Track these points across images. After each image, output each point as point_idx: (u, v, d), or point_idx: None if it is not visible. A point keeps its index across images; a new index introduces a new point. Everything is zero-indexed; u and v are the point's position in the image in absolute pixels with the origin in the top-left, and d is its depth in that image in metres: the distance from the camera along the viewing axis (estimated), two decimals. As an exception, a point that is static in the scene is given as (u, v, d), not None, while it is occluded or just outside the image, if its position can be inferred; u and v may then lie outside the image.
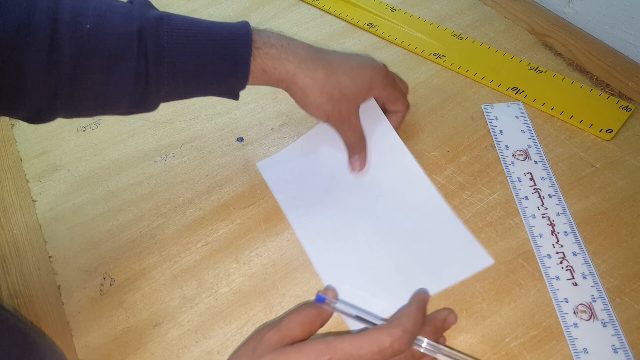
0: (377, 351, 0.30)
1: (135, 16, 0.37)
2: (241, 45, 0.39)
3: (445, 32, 0.63)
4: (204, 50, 0.39)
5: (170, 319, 0.42)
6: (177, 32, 0.38)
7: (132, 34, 0.36)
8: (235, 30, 0.40)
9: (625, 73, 0.56)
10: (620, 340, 0.38)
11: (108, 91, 0.37)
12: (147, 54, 0.37)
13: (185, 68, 0.39)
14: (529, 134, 0.51)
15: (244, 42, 0.40)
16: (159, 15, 0.38)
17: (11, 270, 0.46)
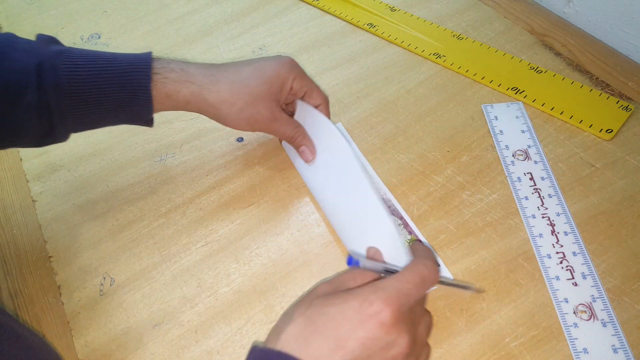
0: (419, 281, 0.32)
1: (34, 52, 0.39)
2: (139, 72, 0.41)
3: (445, 32, 0.63)
4: (103, 80, 0.40)
5: (170, 319, 0.42)
6: (76, 64, 0.39)
7: (30, 69, 0.38)
8: (134, 59, 0.41)
9: (625, 73, 0.56)
10: (620, 340, 0.38)
11: (14, 125, 0.39)
12: (47, 87, 0.38)
13: (85, 98, 0.40)
14: (529, 134, 0.51)
15: (142, 69, 0.41)
16: (59, 50, 0.40)
17: (11, 270, 0.46)
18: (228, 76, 0.43)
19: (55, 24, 0.70)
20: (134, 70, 0.41)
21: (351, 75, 0.59)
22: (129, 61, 0.41)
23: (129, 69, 0.41)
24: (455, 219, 0.46)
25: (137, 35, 0.67)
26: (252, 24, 0.67)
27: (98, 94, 0.40)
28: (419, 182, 0.49)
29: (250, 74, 0.44)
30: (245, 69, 0.44)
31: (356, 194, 0.44)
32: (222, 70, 0.44)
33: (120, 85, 0.40)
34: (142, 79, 0.41)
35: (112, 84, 0.40)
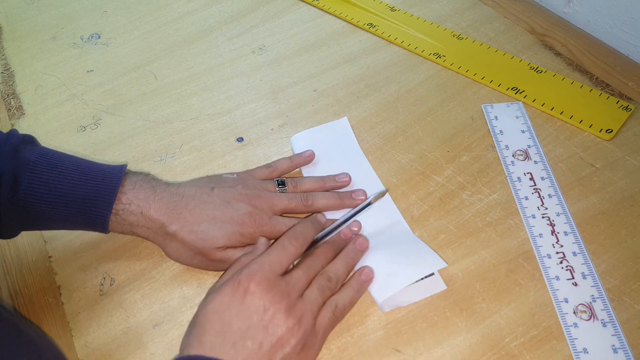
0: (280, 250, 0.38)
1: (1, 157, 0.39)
2: (101, 208, 0.40)
3: (445, 32, 0.63)
4: (63, 203, 0.40)
5: (170, 319, 0.42)
6: (37, 180, 0.39)
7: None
8: (101, 188, 0.40)
9: (625, 73, 0.56)
10: (620, 340, 0.38)
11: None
12: (1, 198, 0.38)
13: (40, 214, 0.40)
14: (529, 134, 0.51)
15: (104, 205, 0.40)
16: (25, 161, 0.39)
17: (11, 270, 0.46)
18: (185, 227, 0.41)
19: (55, 24, 0.70)
20: (98, 200, 0.40)
21: (351, 75, 0.59)
22: (94, 189, 0.40)
23: (91, 198, 0.40)
24: (455, 219, 0.46)
25: (137, 35, 0.67)
26: (252, 24, 0.67)
27: (55, 213, 0.40)
28: (419, 182, 0.49)
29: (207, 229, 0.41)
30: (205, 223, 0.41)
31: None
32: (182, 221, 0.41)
33: (79, 212, 0.40)
34: (101, 215, 0.40)
35: (71, 210, 0.40)
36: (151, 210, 0.41)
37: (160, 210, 0.41)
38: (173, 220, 0.41)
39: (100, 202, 0.40)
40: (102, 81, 0.62)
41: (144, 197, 0.41)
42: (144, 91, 0.60)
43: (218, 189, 0.43)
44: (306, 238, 0.40)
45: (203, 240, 0.41)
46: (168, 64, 0.63)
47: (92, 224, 0.41)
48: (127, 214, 0.41)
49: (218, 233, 0.41)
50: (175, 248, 0.42)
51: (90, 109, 0.59)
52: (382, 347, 0.39)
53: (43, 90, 0.61)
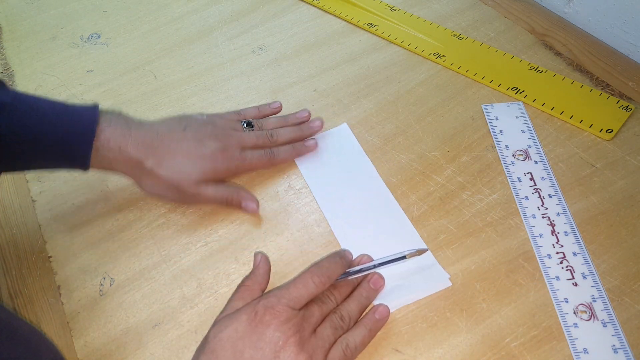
0: (301, 286, 0.36)
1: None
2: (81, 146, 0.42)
3: (445, 32, 0.63)
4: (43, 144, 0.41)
5: (170, 319, 0.42)
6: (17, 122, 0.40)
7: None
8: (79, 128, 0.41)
9: (625, 73, 0.56)
10: (620, 340, 0.38)
11: None
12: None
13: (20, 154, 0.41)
14: (529, 134, 0.51)
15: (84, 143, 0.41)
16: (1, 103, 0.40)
17: (11, 270, 0.46)
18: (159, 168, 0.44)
19: (55, 24, 0.70)
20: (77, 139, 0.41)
21: (351, 75, 0.59)
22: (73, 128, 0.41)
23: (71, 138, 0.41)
24: (455, 219, 0.46)
25: (137, 35, 0.67)
26: (252, 24, 0.67)
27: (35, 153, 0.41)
28: (419, 182, 0.49)
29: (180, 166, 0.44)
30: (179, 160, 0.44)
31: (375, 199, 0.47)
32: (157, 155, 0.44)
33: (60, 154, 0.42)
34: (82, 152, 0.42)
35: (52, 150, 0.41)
36: (129, 147, 0.43)
37: (137, 146, 0.43)
38: (149, 156, 0.43)
39: (81, 139, 0.41)
40: (102, 81, 0.62)
41: (121, 134, 0.43)
42: (144, 91, 0.60)
43: (190, 128, 0.46)
44: (331, 277, 0.38)
45: (179, 174, 0.44)
46: (168, 64, 0.63)
47: (74, 160, 0.42)
48: (106, 151, 0.42)
49: (193, 168, 0.44)
50: (151, 182, 0.44)
51: (90, 108, 0.59)
52: (382, 347, 0.39)
53: (43, 90, 0.61)
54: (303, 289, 0.36)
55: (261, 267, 0.40)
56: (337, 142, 0.53)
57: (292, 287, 0.36)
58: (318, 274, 0.37)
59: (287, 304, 0.35)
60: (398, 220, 0.46)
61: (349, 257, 0.41)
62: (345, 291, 0.40)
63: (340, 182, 0.49)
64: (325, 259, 0.39)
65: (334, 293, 0.39)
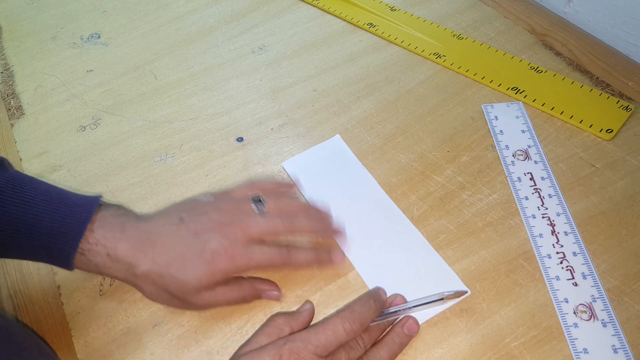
0: (330, 333, 0.34)
1: None
2: (67, 246, 0.37)
3: (445, 32, 0.63)
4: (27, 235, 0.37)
5: (170, 319, 0.42)
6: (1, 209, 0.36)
7: None
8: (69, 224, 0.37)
9: (625, 73, 0.56)
10: (620, 340, 0.38)
11: None
12: None
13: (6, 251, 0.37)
14: (529, 133, 0.51)
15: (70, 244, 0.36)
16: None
17: (11, 270, 0.46)
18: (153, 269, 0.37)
19: (55, 23, 0.70)
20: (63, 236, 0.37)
21: (351, 75, 0.59)
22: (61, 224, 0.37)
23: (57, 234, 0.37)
24: (455, 219, 0.46)
25: (136, 35, 0.67)
26: (252, 24, 0.67)
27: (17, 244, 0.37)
28: (419, 182, 0.49)
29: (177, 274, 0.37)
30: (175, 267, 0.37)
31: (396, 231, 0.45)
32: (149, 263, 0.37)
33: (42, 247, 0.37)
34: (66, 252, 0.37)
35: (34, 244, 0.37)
36: (118, 251, 0.37)
37: (127, 250, 0.37)
38: (141, 262, 0.37)
39: (66, 239, 0.36)
40: (102, 81, 0.62)
41: (111, 237, 0.37)
42: (144, 91, 0.60)
43: (188, 219, 0.39)
44: (363, 324, 0.36)
45: (174, 285, 0.37)
46: (168, 64, 0.63)
47: (56, 260, 0.38)
48: (93, 255, 0.37)
49: (187, 276, 0.37)
50: (151, 290, 0.38)
51: (90, 109, 0.59)
52: (382, 347, 0.39)
53: (43, 90, 0.61)
54: (332, 336, 0.34)
55: (304, 314, 0.38)
56: (331, 154, 0.51)
57: (320, 332, 0.34)
58: (350, 320, 0.35)
59: (314, 351, 0.33)
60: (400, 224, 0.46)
61: (383, 299, 0.39)
62: (375, 335, 0.38)
63: (339, 195, 0.48)
64: (358, 303, 0.37)
65: (363, 337, 0.37)
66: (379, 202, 0.47)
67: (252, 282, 0.41)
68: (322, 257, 0.42)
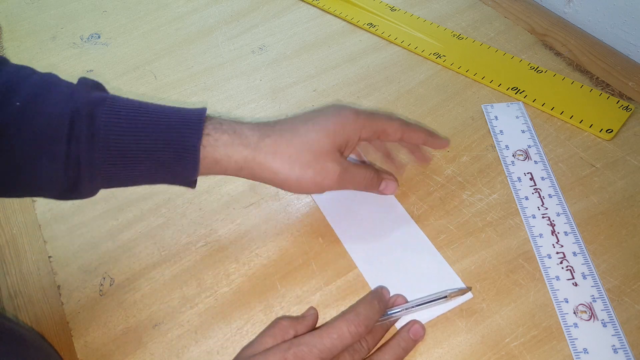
0: (336, 337, 0.34)
1: (73, 97, 0.35)
2: (189, 129, 0.37)
3: (445, 32, 0.63)
4: (147, 134, 0.36)
5: (170, 319, 0.42)
6: (117, 114, 0.36)
7: (64, 116, 0.34)
8: (184, 115, 0.37)
9: (625, 73, 0.56)
10: (621, 340, 0.38)
11: (36, 175, 0.35)
12: (79, 137, 0.34)
13: (123, 154, 0.36)
14: (529, 134, 0.51)
15: (192, 126, 0.37)
16: (101, 98, 0.36)
17: (11, 270, 0.46)
18: (285, 135, 0.39)
19: (55, 23, 0.70)
20: (183, 126, 0.37)
21: (351, 75, 0.59)
22: (178, 116, 0.37)
23: (177, 125, 0.37)
24: (455, 219, 0.46)
25: (136, 35, 0.67)
26: (252, 24, 0.67)
27: (139, 149, 0.36)
28: (419, 182, 0.49)
29: (309, 129, 0.40)
30: (303, 126, 0.40)
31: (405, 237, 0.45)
32: (276, 130, 0.40)
33: (165, 143, 0.36)
34: (191, 138, 0.36)
35: (157, 141, 0.36)
36: (244, 128, 0.38)
37: (253, 127, 0.39)
38: (268, 130, 0.39)
39: (190, 122, 0.37)
40: (102, 81, 0.60)
41: (231, 120, 0.39)
42: (144, 91, 0.60)
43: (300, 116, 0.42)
44: (368, 326, 0.35)
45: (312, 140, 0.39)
46: (168, 64, 0.63)
47: (181, 155, 0.36)
48: (219, 133, 0.37)
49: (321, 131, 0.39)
50: (283, 158, 0.38)
51: (90, 108, 0.59)
52: (382, 347, 0.39)
53: (43, 90, 0.61)
54: (337, 339, 0.34)
55: (308, 319, 0.38)
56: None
57: (325, 336, 0.34)
58: (355, 323, 0.34)
59: (319, 355, 0.33)
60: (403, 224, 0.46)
61: (387, 299, 0.39)
62: (379, 336, 0.38)
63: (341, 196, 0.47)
64: (362, 304, 0.36)
65: (367, 339, 0.37)
66: (382, 201, 0.47)
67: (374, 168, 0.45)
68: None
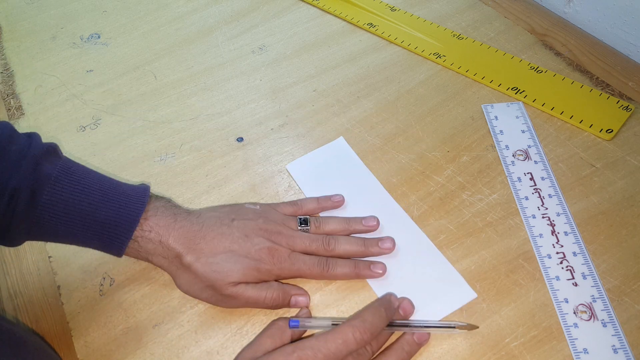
0: (341, 342, 0.33)
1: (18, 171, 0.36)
2: (120, 233, 0.39)
3: (445, 32, 0.63)
4: (81, 224, 0.38)
5: (170, 319, 0.42)
6: (58, 197, 0.37)
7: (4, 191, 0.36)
8: (123, 213, 0.39)
9: (625, 73, 0.56)
10: (620, 340, 0.38)
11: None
12: (16, 211, 0.36)
13: (54, 231, 0.38)
14: (529, 134, 0.51)
15: (124, 231, 0.39)
16: (46, 175, 0.37)
17: (11, 270, 0.46)
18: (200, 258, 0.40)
19: (55, 24, 0.70)
20: (118, 225, 0.39)
21: (351, 75, 0.59)
22: (116, 212, 0.39)
23: (112, 221, 0.38)
24: (455, 219, 0.46)
25: (136, 35, 0.67)
26: (252, 24, 0.67)
27: (70, 232, 0.39)
28: (419, 182, 0.49)
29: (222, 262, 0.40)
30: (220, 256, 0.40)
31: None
32: (197, 250, 0.40)
33: (96, 235, 0.39)
34: (120, 241, 0.39)
35: (88, 230, 0.39)
36: (170, 239, 0.40)
37: (179, 239, 0.40)
38: (189, 251, 0.39)
39: (122, 227, 0.39)
40: (102, 81, 0.62)
41: (165, 225, 0.40)
42: (144, 91, 0.60)
43: (238, 221, 0.42)
44: (374, 333, 0.35)
45: (217, 273, 0.39)
46: (168, 64, 0.63)
47: (108, 247, 0.40)
48: (145, 242, 0.39)
49: (233, 267, 0.39)
50: (187, 279, 0.40)
51: (90, 109, 0.59)
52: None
53: (43, 90, 0.61)
54: (342, 345, 0.33)
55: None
56: (335, 157, 0.51)
57: (330, 341, 0.33)
58: (361, 330, 0.34)
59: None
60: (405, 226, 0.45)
61: (394, 307, 0.38)
62: (383, 340, 0.38)
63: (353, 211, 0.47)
64: (370, 311, 0.36)
65: (371, 343, 0.36)
66: (384, 204, 0.47)
67: (283, 287, 0.41)
68: (361, 270, 0.42)
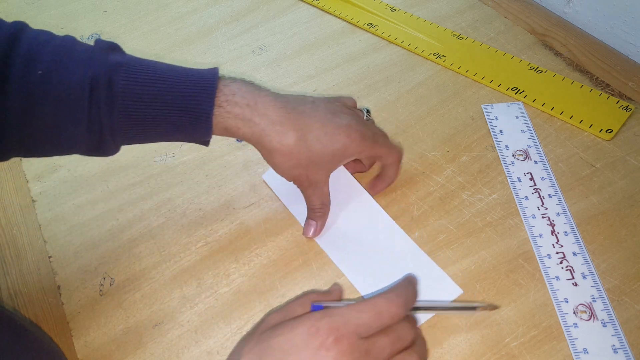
0: (374, 314, 0.31)
1: (91, 63, 0.36)
2: (203, 98, 0.38)
3: (445, 32, 0.63)
4: (162, 101, 0.38)
5: (170, 319, 0.42)
6: (134, 80, 0.37)
7: (84, 82, 0.36)
8: (199, 82, 0.38)
9: (625, 73, 0.56)
10: (620, 340, 0.38)
11: (61, 137, 0.37)
12: (99, 104, 0.36)
13: (141, 118, 0.38)
14: (529, 134, 0.51)
15: (207, 95, 0.38)
16: (117, 62, 0.37)
17: (11, 270, 0.46)
18: (296, 129, 0.40)
19: (55, 24, 0.70)
20: (197, 93, 0.38)
21: (351, 75, 0.59)
22: (193, 83, 0.38)
23: (191, 92, 0.38)
24: (455, 219, 0.46)
25: (136, 35, 0.67)
26: (252, 24, 0.67)
27: (155, 114, 0.38)
28: (419, 182, 0.49)
29: (318, 138, 0.40)
30: (316, 128, 0.40)
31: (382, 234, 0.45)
32: (292, 119, 0.40)
33: (180, 109, 0.38)
34: (205, 106, 0.38)
35: (172, 107, 0.38)
36: (258, 104, 0.39)
37: (269, 105, 0.39)
38: (283, 119, 0.39)
39: (202, 95, 0.38)
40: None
41: (247, 90, 0.39)
42: (144, 91, 0.60)
43: (318, 103, 0.42)
44: (407, 309, 0.32)
45: (316, 148, 0.40)
46: (168, 64, 0.63)
47: (195, 121, 0.38)
48: (231, 106, 0.38)
49: (330, 141, 0.40)
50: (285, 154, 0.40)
51: (90, 109, 0.59)
52: (382, 347, 0.39)
53: (43, 90, 0.61)
54: (375, 317, 0.31)
55: (334, 294, 0.39)
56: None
57: (363, 312, 0.31)
58: (396, 303, 0.31)
59: (355, 330, 0.30)
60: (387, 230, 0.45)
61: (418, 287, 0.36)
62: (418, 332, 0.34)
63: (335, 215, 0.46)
64: (401, 286, 0.33)
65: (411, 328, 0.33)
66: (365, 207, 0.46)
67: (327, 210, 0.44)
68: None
